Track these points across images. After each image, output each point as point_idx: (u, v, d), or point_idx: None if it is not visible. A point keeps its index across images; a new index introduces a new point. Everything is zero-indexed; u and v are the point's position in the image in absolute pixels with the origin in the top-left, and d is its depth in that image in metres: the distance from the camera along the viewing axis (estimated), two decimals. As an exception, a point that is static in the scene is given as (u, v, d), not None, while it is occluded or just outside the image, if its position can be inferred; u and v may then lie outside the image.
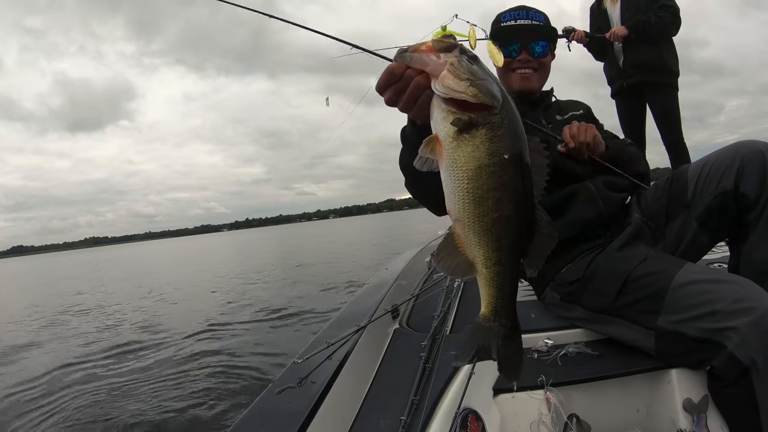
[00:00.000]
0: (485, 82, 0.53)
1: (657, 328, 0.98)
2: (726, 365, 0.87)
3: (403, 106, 0.61)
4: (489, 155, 0.52)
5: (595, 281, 1.13)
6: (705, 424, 0.91)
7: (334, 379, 1.01)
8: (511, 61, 1.32)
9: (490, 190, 0.53)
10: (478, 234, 0.54)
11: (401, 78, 0.58)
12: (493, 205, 0.53)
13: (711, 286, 0.93)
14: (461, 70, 0.52)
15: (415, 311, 1.60)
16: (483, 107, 0.52)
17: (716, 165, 1.13)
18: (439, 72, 0.54)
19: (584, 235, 1.22)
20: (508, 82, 1.36)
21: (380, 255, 9.60)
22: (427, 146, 0.55)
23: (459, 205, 0.54)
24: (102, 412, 2.93)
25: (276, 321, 5.03)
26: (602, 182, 1.26)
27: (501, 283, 0.56)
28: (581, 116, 1.42)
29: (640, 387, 1.02)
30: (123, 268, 20.76)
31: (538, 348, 1.15)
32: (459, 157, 0.53)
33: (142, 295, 8.70)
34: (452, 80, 0.52)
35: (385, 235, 19.90)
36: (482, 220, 0.54)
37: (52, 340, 5.48)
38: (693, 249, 1.20)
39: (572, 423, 0.94)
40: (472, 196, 0.53)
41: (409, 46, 0.58)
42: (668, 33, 2.83)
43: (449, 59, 0.53)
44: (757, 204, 1.05)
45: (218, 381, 3.25)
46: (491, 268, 0.55)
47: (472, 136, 0.52)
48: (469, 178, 0.53)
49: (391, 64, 0.59)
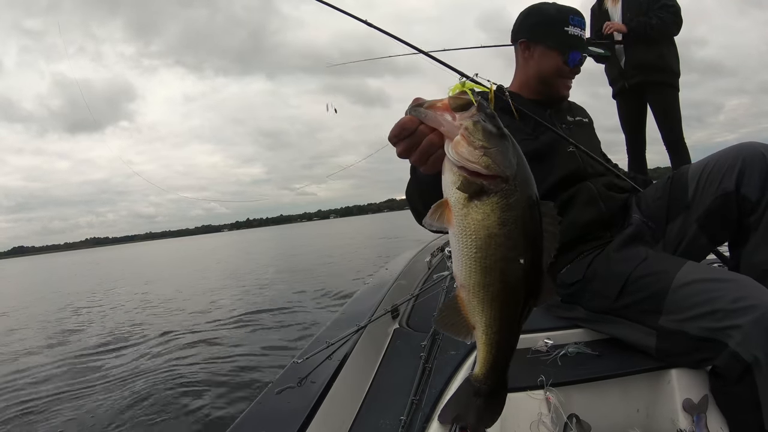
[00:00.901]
0: (500, 149, 0.51)
1: (659, 328, 0.98)
2: (728, 363, 0.87)
3: (415, 161, 0.59)
4: (499, 225, 0.50)
5: (596, 282, 1.13)
6: (705, 424, 0.91)
7: (333, 379, 1.01)
8: (569, 70, 1.30)
9: (499, 261, 0.51)
10: (482, 302, 0.53)
11: (413, 134, 0.56)
12: (500, 276, 0.52)
13: (712, 285, 0.93)
14: (476, 137, 0.50)
15: (415, 311, 1.60)
16: (496, 176, 0.50)
17: (717, 166, 1.13)
18: (453, 135, 0.52)
19: (585, 236, 1.22)
20: (555, 87, 1.33)
21: (380, 254, 9.61)
22: (436, 211, 0.53)
23: (465, 273, 0.52)
24: (102, 412, 2.93)
25: (276, 321, 5.03)
26: (603, 183, 1.26)
27: (498, 351, 0.55)
28: (588, 124, 1.44)
29: (640, 387, 1.02)
30: (126, 267, 20.77)
31: (537, 348, 1.15)
32: (468, 225, 0.51)
33: (142, 297, 8.70)
34: (465, 148, 0.50)
35: (385, 234, 19.90)
36: (487, 290, 0.52)
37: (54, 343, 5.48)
38: (693, 250, 1.19)
39: (572, 423, 0.94)
40: (480, 265, 0.51)
41: (425, 101, 0.56)
42: (670, 33, 2.84)
43: (464, 122, 0.51)
44: (758, 207, 1.05)
45: (218, 381, 3.25)
46: (491, 335, 0.54)
47: (483, 204, 0.50)
48: (477, 247, 0.51)
49: (403, 118, 0.57)
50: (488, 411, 0.60)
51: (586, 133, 1.39)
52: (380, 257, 9.16)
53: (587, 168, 1.27)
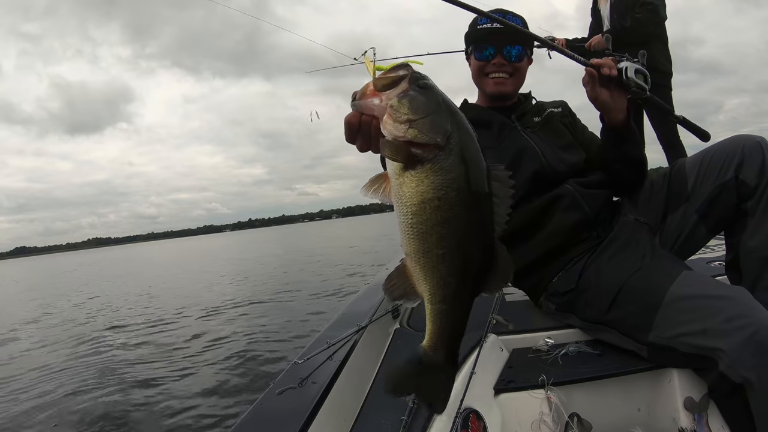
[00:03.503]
0: (429, 118, 0.50)
1: (648, 344, 0.98)
2: (719, 383, 0.87)
3: (375, 150, 0.59)
4: (433, 189, 0.50)
5: (588, 293, 1.12)
6: (706, 423, 0.91)
7: (334, 379, 1.01)
8: (486, 65, 1.31)
9: (434, 226, 0.51)
10: (424, 270, 0.53)
11: (359, 127, 0.56)
12: (438, 242, 0.51)
13: (704, 302, 0.91)
14: (401, 111, 0.50)
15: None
16: (427, 144, 0.50)
17: (716, 157, 1.14)
18: (383, 116, 0.52)
19: (571, 241, 1.20)
20: (483, 86, 1.34)
21: (382, 253, 9.60)
22: (373, 184, 0.54)
23: (405, 240, 0.53)
24: (102, 413, 2.92)
25: (276, 321, 5.02)
26: (579, 183, 1.24)
27: (444, 321, 0.55)
28: (560, 113, 1.41)
29: (641, 386, 1.02)
30: (131, 266, 20.76)
31: (538, 347, 1.15)
32: (404, 193, 0.51)
33: (141, 297, 8.70)
34: (391, 125, 0.51)
35: (387, 233, 19.89)
36: (427, 257, 0.52)
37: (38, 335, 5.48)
38: (691, 242, 1.21)
39: (573, 422, 0.94)
40: (416, 231, 0.51)
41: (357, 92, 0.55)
42: (647, 32, 2.80)
43: (390, 101, 0.51)
44: (756, 192, 1.07)
45: (219, 382, 3.25)
46: (436, 304, 0.54)
47: (417, 172, 0.50)
48: (413, 212, 0.51)
49: (347, 116, 0.57)
50: (434, 387, 0.58)
51: (552, 129, 1.36)
52: (382, 255, 9.17)
53: (555, 166, 1.25)
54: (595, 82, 1.15)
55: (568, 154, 1.30)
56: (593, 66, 1.14)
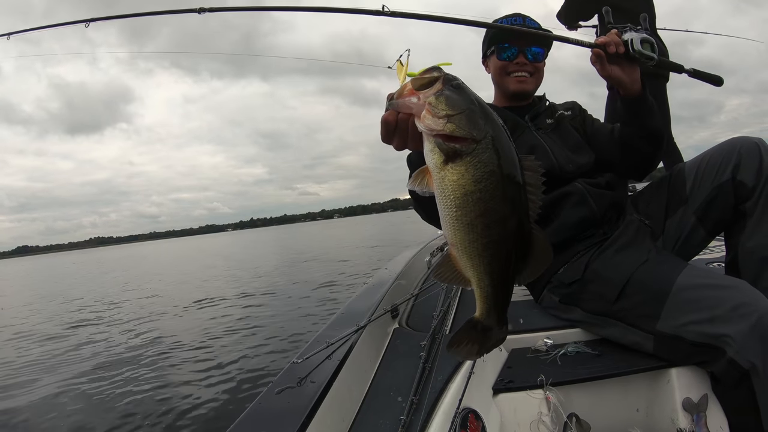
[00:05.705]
0: (465, 114, 0.54)
1: (656, 332, 0.99)
2: (726, 370, 0.88)
3: (412, 148, 0.62)
4: (474, 182, 0.53)
5: (595, 284, 1.13)
6: (704, 423, 0.91)
7: (333, 378, 1.01)
8: (508, 64, 1.34)
9: (478, 217, 0.54)
10: (471, 258, 0.56)
11: (396, 126, 0.59)
12: (483, 231, 0.55)
13: (711, 292, 0.94)
14: (439, 108, 0.54)
15: (415, 311, 1.60)
16: (465, 138, 0.54)
17: (714, 159, 1.15)
18: (421, 113, 0.55)
19: (577, 236, 1.22)
20: (505, 84, 1.37)
21: (382, 252, 9.60)
22: (417, 177, 0.57)
23: (450, 231, 0.56)
24: (101, 413, 2.93)
25: (276, 321, 5.03)
26: (588, 182, 1.26)
27: (492, 300, 0.59)
28: (569, 116, 1.43)
29: (639, 386, 1.02)
30: (131, 266, 20.77)
31: (537, 347, 1.15)
32: (446, 186, 0.54)
33: (142, 297, 8.70)
34: (430, 119, 0.54)
35: (388, 233, 19.90)
36: (473, 246, 0.56)
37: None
38: (690, 244, 1.21)
39: (572, 422, 0.94)
40: (462, 223, 0.55)
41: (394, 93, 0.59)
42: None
43: (428, 99, 0.55)
44: (754, 192, 1.07)
45: (218, 381, 3.25)
46: (484, 288, 0.58)
47: (457, 165, 0.54)
48: (457, 206, 0.54)
49: (384, 115, 0.60)
50: (488, 340, 0.62)
51: (562, 131, 1.37)
52: (382, 255, 9.17)
53: (565, 165, 1.27)
54: (603, 61, 1.14)
55: (577, 155, 1.31)
56: (599, 46, 1.14)
